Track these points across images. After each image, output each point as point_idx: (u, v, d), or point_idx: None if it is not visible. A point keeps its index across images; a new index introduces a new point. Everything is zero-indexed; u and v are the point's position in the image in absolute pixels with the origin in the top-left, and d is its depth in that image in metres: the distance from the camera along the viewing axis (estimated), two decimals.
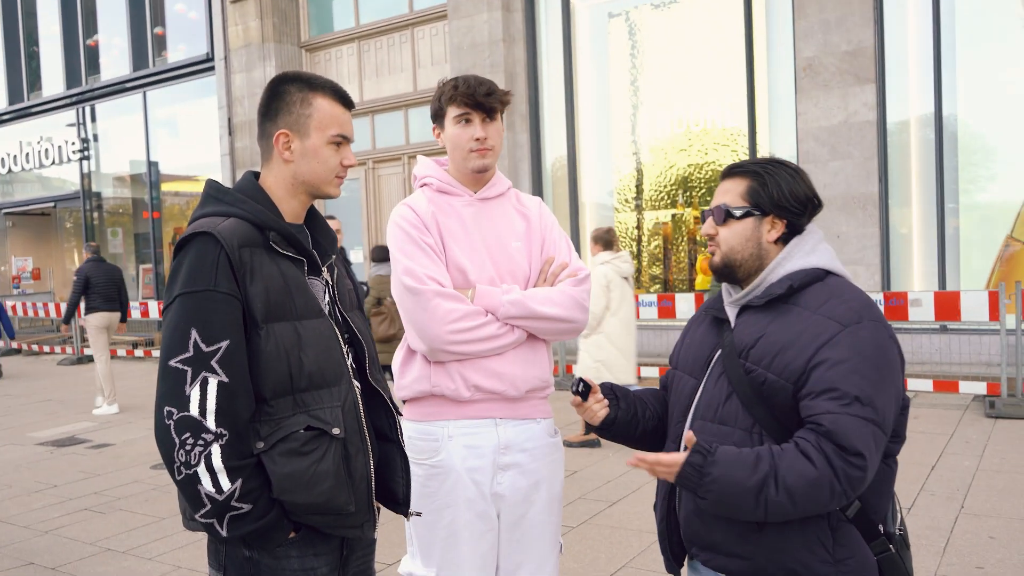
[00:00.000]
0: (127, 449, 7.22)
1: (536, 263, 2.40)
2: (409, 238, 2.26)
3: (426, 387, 2.27)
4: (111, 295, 9.40)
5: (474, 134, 2.30)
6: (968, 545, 4.11)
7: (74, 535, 4.97)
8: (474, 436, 2.27)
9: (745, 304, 1.85)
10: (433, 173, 2.40)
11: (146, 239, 16.05)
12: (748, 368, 1.75)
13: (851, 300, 1.73)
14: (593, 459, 5.95)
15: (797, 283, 1.78)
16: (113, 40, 15.94)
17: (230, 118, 13.51)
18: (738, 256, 1.84)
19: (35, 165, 17.84)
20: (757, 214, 1.83)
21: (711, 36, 9.69)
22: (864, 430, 1.61)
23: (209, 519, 1.66)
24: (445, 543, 2.26)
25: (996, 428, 6.35)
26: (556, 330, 2.33)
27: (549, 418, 2.43)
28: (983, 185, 8.40)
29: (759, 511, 1.65)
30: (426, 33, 11.85)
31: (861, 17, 8.36)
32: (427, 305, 2.19)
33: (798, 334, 1.70)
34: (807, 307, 1.75)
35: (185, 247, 1.73)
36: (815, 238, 1.86)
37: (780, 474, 1.63)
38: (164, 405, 1.65)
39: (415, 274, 2.21)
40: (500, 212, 2.41)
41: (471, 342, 2.21)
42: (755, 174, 1.85)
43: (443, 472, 2.25)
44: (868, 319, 1.70)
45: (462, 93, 2.28)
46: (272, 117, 1.85)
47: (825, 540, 1.70)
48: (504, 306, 2.25)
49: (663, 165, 10.12)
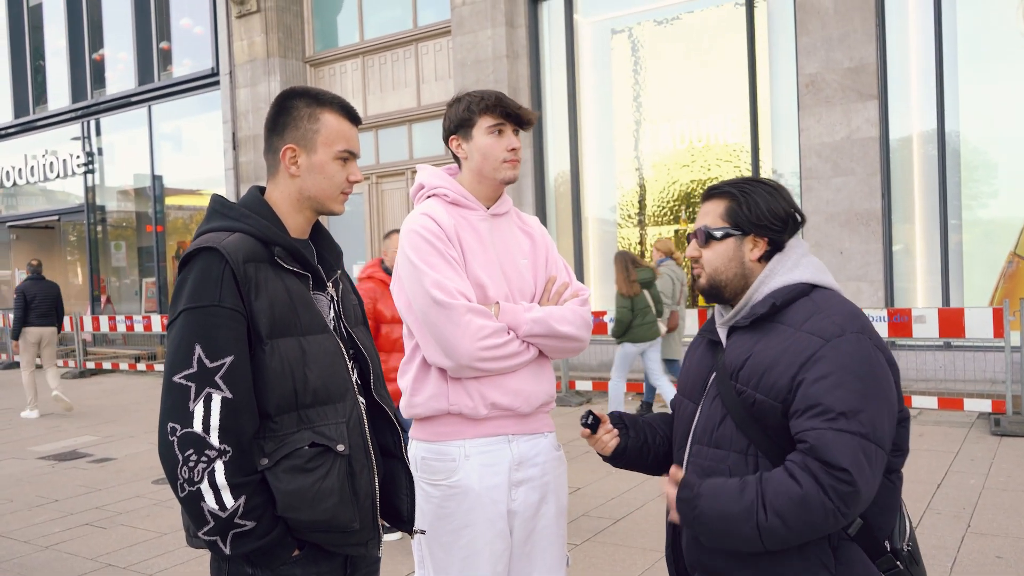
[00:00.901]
0: (129, 464, 7.20)
1: (540, 281, 2.41)
2: (435, 250, 2.20)
3: (443, 405, 2.23)
4: (47, 311, 10.29)
5: (509, 144, 2.30)
6: (975, 565, 4.07)
7: (75, 550, 4.94)
8: (490, 454, 2.25)
9: (733, 325, 1.85)
10: (446, 184, 2.35)
11: (150, 253, 16.07)
12: (739, 389, 1.75)
13: (835, 314, 1.72)
14: (597, 476, 5.92)
15: (780, 300, 1.78)
16: (119, 54, 16.03)
17: (234, 132, 13.56)
18: (723, 277, 1.85)
19: (40, 178, 17.89)
20: (737, 234, 1.84)
21: (714, 52, 9.73)
22: (850, 444, 1.59)
23: (212, 536, 1.65)
24: (463, 564, 2.22)
25: (1001, 446, 6.32)
26: (567, 348, 2.34)
27: (553, 431, 2.44)
28: (985, 201, 8.40)
29: (755, 540, 1.63)
30: (430, 49, 11.91)
31: (863, 34, 8.39)
32: (460, 320, 2.14)
33: (782, 352, 1.70)
34: (791, 324, 1.74)
35: (190, 262, 1.72)
36: (798, 252, 1.85)
37: (767, 499, 1.61)
38: (168, 421, 1.64)
39: (446, 288, 2.16)
40: (508, 229, 2.41)
41: (498, 359, 2.19)
42: (732, 195, 1.85)
43: (461, 492, 2.21)
44: (851, 331, 1.68)
45: (497, 104, 2.29)
46: (279, 132, 1.85)
47: (827, 560, 1.68)
48: (527, 323, 2.24)
49: (666, 181, 10.13)
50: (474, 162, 2.33)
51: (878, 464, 1.62)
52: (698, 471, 1.80)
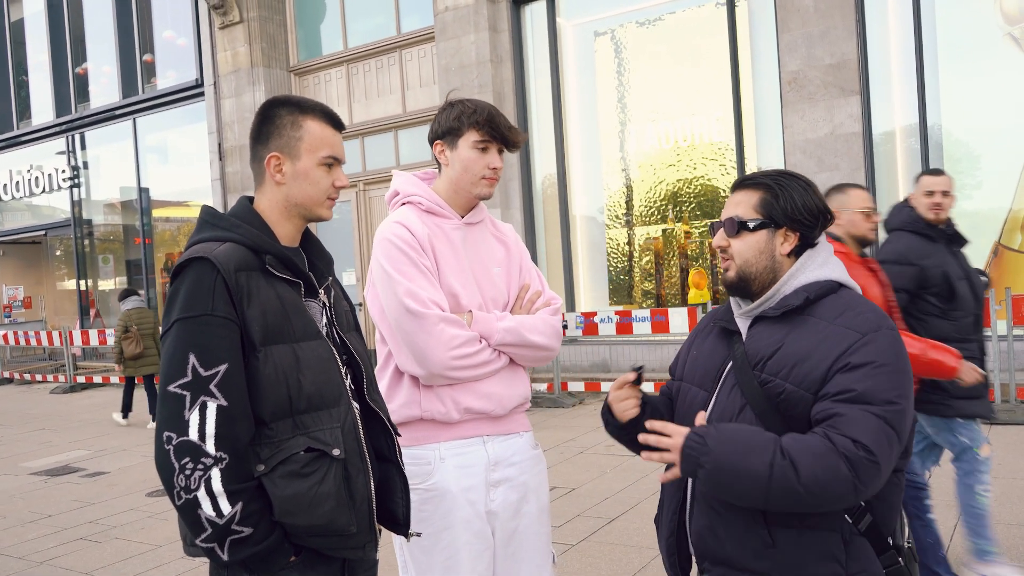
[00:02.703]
0: (122, 477, 7.17)
1: (513, 289, 2.44)
2: (408, 259, 2.22)
3: (416, 412, 2.26)
4: None
5: (491, 163, 2.32)
6: (967, 552, 4.11)
7: (70, 565, 4.93)
8: (465, 456, 2.28)
9: (759, 315, 1.85)
10: (421, 192, 2.37)
11: (138, 265, 16.01)
12: (764, 379, 1.75)
13: (867, 311, 1.75)
14: (591, 476, 5.95)
15: (813, 295, 1.79)
16: (102, 68, 15.98)
17: (220, 143, 13.53)
18: (753, 269, 1.84)
19: (25, 194, 17.80)
20: (771, 226, 1.84)
21: (696, 52, 9.78)
22: (875, 425, 1.60)
23: (210, 543, 1.66)
24: (444, 566, 2.24)
25: (991, 434, 6.37)
26: (538, 358, 2.38)
27: (529, 431, 2.46)
28: (969, 193, 8.47)
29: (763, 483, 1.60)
30: (414, 55, 11.92)
31: (844, 30, 8.46)
32: (432, 330, 2.17)
33: (816, 345, 1.71)
34: (823, 318, 1.75)
35: (182, 273, 1.74)
36: (827, 251, 1.88)
37: (786, 446, 1.61)
38: (163, 430, 1.65)
39: (419, 297, 2.18)
40: (482, 237, 2.43)
41: (469, 367, 2.23)
42: (768, 186, 1.85)
43: (438, 495, 2.24)
44: (886, 327, 1.71)
45: (488, 121, 2.30)
46: (263, 141, 1.87)
47: (838, 554, 1.70)
48: (499, 333, 2.27)
49: (652, 181, 10.18)
50: (454, 171, 2.35)
51: (895, 454, 1.64)
52: None
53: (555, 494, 5.63)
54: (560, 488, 5.77)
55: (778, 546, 1.71)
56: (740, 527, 1.74)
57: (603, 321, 8.87)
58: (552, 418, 8.32)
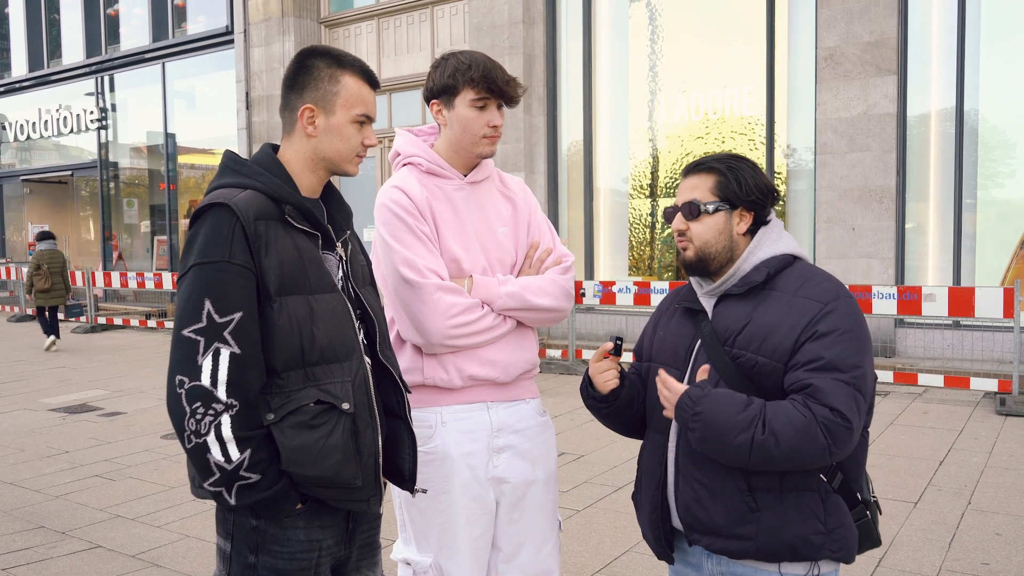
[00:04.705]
0: (139, 418, 7.29)
1: (522, 248, 2.38)
2: (405, 226, 2.18)
3: (418, 378, 2.24)
4: None
5: (490, 120, 2.24)
6: (974, 541, 4.10)
7: (84, 500, 5.03)
8: (467, 420, 2.25)
9: (723, 293, 1.92)
10: (421, 152, 2.30)
11: (161, 211, 16.12)
12: (736, 354, 1.83)
13: (824, 281, 1.85)
14: (601, 443, 5.97)
15: (773, 269, 1.89)
16: (134, 10, 15.95)
17: (248, 92, 13.51)
18: (712, 249, 1.92)
19: (53, 133, 17.92)
20: (727, 208, 1.91)
21: (732, 23, 9.61)
22: (846, 391, 1.71)
23: (218, 488, 1.68)
24: (441, 528, 2.24)
25: (1006, 425, 6.32)
26: (546, 319, 2.33)
27: (537, 397, 2.42)
28: (1002, 181, 8.32)
29: (744, 451, 1.72)
30: (446, 12, 11.80)
31: (885, 7, 8.27)
32: (428, 299, 2.14)
33: (782, 318, 1.80)
34: (785, 291, 1.85)
35: (201, 218, 1.73)
36: (779, 226, 1.97)
37: (768, 418, 1.72)
38: (176, 374, 1.66)
39: (415, 266, 2.15)
40: (487, 196, 2.35)
41: (470, 335, 2.19)
42: (720, 170, 1.92)
43: (438, 459, 2.23)
44: (844, 296, 1.82)
45: (484, 77, 2.19)
46: (298, 90, 1.85)
47: (818, 512, 1.80)
48: (501, 298, 2.23)
49: (679, 152, 10.07)
50: (453, 132, 2.27)
51: (863, 415, 1.77)
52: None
53: (563, 460, 5.66)
54: (569, 454, 5.80)
55: (762, 510, 1.79)
56: (725, 496, 1.82)
57: (621, 291, 8.85)
58: (564, 385, 8.34)
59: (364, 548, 1.97)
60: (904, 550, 3.99)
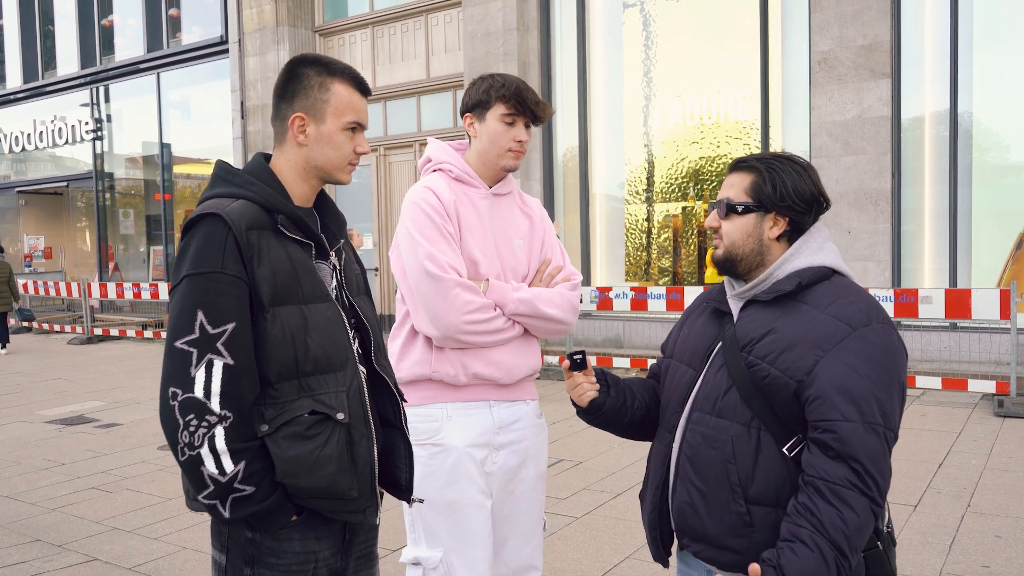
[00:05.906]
0: (135, 429, 7.26)
1: (534, 262, 2.52)
2: (432, 223, 2.31)
3: (426, 371, 2.35)
4: None
5: (517, 136, 2.40)
6: (974, 544, 4.09)
7: (81, 513, 5.01)
8: (471, 416, 2.38)
9: (751, 298, 1.85)
10: (452, 160, 2.45)
11: (157, 221, 16.10)
12: (751, 362, 1.76)
13: (858, 301, 1.74)
14: (600, 450, 5.96)
15: (805, 280, 1.78)
16: (128, 20, 15.96)
17: (243, 101, 13.51)
18: (739, 251, 1.85)
19: (48, 144, 17.90)
20: (759, 210, 1.83)
21: (726, 28, 9.63)
22: (877, 442, 1.64)
23: (212, 500, 1.66)
24: (451, 520, 2.33)
25: (1004, 427, 6.32)
26: (551, 330, 2.46)
27: (536, 399, 2.55)
28: (996, 183, 8.34)
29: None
30: (440, 20, 11.82)
31: (878, 11, 8.29)
32: (447, 293, 2.26)
33: (806, 332, 1.71)
34: (815, 305, 1.75)
35: (193, 228, 1.72)
36: (822, 236, 1.86)
37: (842, 545, 1.61)
38: (169, 386, 1.65)
39: (438, 261, 2.27)
40: (508, 209, 2.51)
41: (481, 333, 2.31)
42: (759, 170, 1.84)
43: (445, 451, 2.34)
44: (876, 321, 1.71)
45: (515, 95, 2.37)
46: (288, 99, 1.84)
47: None
48: (514, 303, 2.36)
49: (674, 157, 10.08)
50: (481, 143, 2.43)
51: (891, 450, 1.69)
52: (699, 437, 1.82)
53: (562, 466, 5.65)
54: (567, 461, 5.78)
55: (755, 525, 1.73)
56: (720, 505, 1.76)
57: (618, 296, 8.84)
58: (562, 391, 8.32)
59: (361, 559, 1.95)
60: (904, 553, 3.98)
